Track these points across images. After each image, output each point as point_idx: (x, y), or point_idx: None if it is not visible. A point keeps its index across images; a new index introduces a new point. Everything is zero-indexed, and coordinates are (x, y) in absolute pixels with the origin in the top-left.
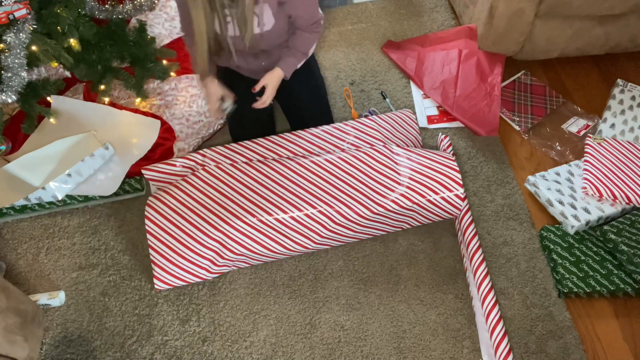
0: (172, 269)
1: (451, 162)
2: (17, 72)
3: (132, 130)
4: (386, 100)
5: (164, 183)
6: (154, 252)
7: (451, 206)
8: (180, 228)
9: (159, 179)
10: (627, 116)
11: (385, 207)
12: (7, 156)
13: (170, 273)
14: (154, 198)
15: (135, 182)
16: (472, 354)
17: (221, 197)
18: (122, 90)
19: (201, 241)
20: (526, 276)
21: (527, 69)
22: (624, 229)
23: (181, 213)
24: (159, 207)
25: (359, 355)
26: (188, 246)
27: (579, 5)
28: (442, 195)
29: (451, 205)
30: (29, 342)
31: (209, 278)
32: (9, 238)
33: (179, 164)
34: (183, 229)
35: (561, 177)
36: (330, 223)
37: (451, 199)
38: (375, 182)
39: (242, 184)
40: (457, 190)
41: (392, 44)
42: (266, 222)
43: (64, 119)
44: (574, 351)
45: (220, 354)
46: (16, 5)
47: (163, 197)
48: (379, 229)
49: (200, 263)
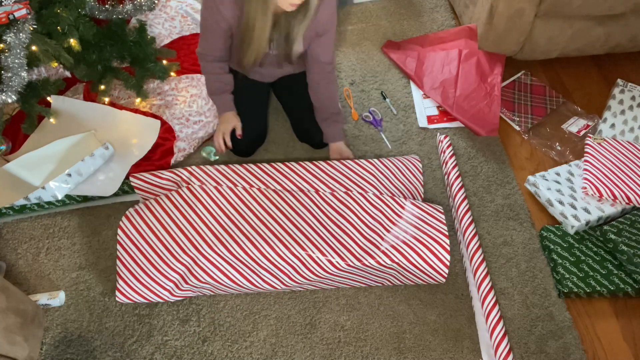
0: (135, 285)
1: (443, 225)
2: (17, 72)
3: (132, 131)
4: (386, 100)
5: (148, 194)
6: (120, 264)
7: (435, 272)
8: (151, 245)
9: (144, 189)
10: (627, 116)
11: (362, 261)
12: (7, 156)
13: (132, 288)
14: (132, 210)
15: (128, 186)
16: (472, 354)
17: (198, 220)
18: (122, 90)
19: (168, 262)
20: (526, 276)
21: (527, 69)
22: (624, 229)
23: (154, 230)
24: (134, 220)
25: (359, 355)
26: (154, 265)
27: (579, 5)
28: (428, 261)
29: (435, 272)
30: (29, 342)
31: (171, 300)
32: (9, 238)
33: (165, 176)
34: (153, 247)
35: (561, 177)
36: (302, 267)
37: (436, 266)
38: (358, 233)
39: (221, 210)
40: (444, 257)
41: (392, 44)
42: (236, 255)
43: (64, 119)
44: (574, 351)
45: (220, 354)
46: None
47: (141, 210)
48: (354, 280)
49: (163, 284)
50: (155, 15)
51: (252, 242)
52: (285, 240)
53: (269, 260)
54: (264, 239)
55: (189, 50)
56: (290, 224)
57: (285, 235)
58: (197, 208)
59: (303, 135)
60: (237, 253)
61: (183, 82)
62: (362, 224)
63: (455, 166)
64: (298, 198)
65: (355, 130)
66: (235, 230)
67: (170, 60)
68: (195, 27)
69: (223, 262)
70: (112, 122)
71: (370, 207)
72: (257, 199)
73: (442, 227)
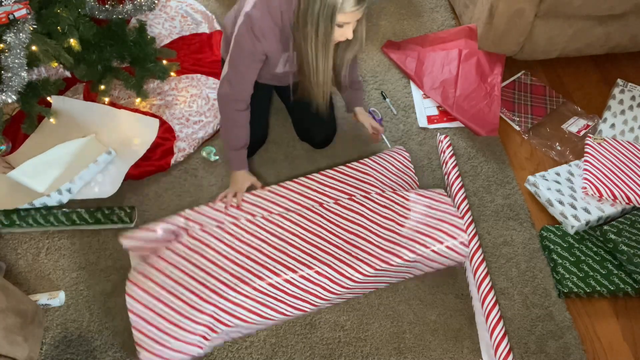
0: (160, 350)
1: (451, 207)
2: (17, 72)
3: (132, 130)
4: (386, 100)
5: (146, 251)
6: (137, 333)
7: (456, 254)
8: (166, 304)
9: (139, 248)
10: (627, 116)
11: (388, 262)
12: (7, 156)
13: (157, 354)
14: (135, 272)
15: (125, 215)
16: (472, 354)
17: (210, 265)
18: (122, 90)
19: (191, 317)
20: (526, 276)
21: (527, 69)
22: (624, 229)
23: (167, 287)
24: (141, 282)
25: (359, 355)
26: (176, 323)
27: (579, 5)
28: (447, 244)
29: (456, 253)
30: (29, 342)
31: (202, 354)
32: (9, 238)
33: (160, 229)
34: (169, 305)
35: (561, 177)
36: (330, 284)
37: (456, 247)
38: (375, 236)
39: (231, 247)
40: (461, 237)
41: (392, 44)
42: (260, 289)
43: (64, 119)
44: (574, 351)
45: (220, 353)
46: (16, 5)
47: (146, 269)
48: (380, 283)
49: (190, 341)
50: (155, 15)
51: (272, 272)
52: (306, 261)
53: (295, 285)
54: (284, 264)
55: (189, 50)
56: (305, 243)
57: (304, 256)
58: (205, 252)
59: (304, 134)
60: (261, 287)
61: (183, 82)
62: (376, 226)
63: (455, 166)
64: (305, 216)
65: (356, 130)
66: (251, 264)
67: (170, 60)
68: (195, 27)
69: (248, 300)
70: (112, 122)
71: (378, 207)
72: (263, 227)
73: (451, 208)
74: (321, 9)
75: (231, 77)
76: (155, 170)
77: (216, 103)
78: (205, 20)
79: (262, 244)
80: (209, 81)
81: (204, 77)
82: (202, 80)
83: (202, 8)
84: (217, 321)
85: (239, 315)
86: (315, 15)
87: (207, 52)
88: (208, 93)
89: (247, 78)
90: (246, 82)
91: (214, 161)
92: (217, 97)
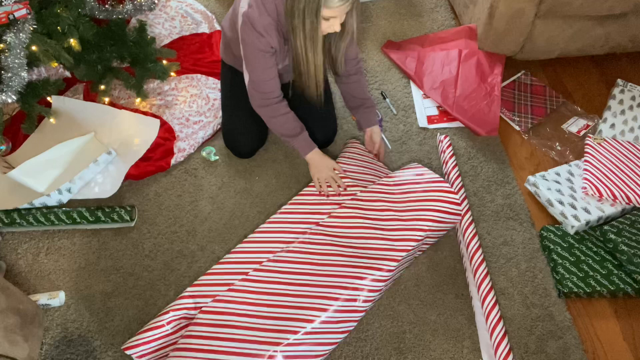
0: None
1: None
2: (17, 72)
3: (133, 130)
4: (386, 100)
5: (161, 350)
6: None
7: (452, 215)
8: None
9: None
10: (627, 116)
11: (406, 249)
12: (7, 156)
13: None
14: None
15: (126, 213)
16: (472, 354)
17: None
18: (122, 90)
19: None
20: (526, 276)
21: (527, 69)
22: (624, 229)
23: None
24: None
25: (359, 355)
26: None
27: (579, 5)
28: (445, 210)
29: (452, 215)
30: (29, 342)
31: None
32: (9, 238)
33: (167, 322)
34: None
35: (561, 177)
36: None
37: (450, 209)
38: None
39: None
40: (451, 198)
41: (392, 44)
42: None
43: (64, 119)
44: (574, 351)
45: None
46: (16, 5)
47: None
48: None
49: None
50: (155, 15)
51: (298, 320)
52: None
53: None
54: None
55: (189, 50)
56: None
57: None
58: (227, 322)
59: None
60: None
61: (183, 82)
62: (378, 221)
63: (455, 166)
64: (308, 241)
65: (356, 130)
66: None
67: (170, 60)
68: (195, 27)
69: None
70: (112, 122)
71: (370, 204)
72: (276, 269)
73: (433, 175)
74: (307, 3)
75: (254, 79)
76: (155, 170)
77: (216, 103)
78: (205, 20)
79: (285, 287)
80: (209, 81)
81: (204, 77)
82: (202, 80)
83: (202, 8)
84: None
85: None
86: (301, 9)
87: (207, 52)
88: (208, 93)
89: (268, 74)
90: (269, 78)
91: (214, 161)
92: (254, 108)
